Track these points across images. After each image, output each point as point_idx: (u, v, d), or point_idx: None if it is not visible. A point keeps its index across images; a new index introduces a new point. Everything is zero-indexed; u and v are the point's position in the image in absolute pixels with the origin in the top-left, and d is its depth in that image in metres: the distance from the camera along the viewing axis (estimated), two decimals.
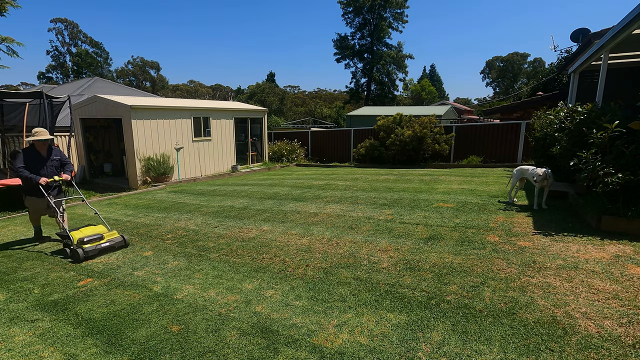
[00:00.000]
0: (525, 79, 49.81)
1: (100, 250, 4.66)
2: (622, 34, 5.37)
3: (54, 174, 5.14)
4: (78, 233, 4.72)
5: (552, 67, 19.80)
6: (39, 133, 5.05)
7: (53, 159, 5.19)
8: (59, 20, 52.73)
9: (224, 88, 68.85)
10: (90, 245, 4.59)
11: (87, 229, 4.87)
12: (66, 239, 4.77)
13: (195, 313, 3.08)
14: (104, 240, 4.74)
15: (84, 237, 4.60)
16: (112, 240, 4.80)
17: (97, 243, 4.65)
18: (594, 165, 4.44)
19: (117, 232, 4.98)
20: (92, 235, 4.70)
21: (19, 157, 4.94)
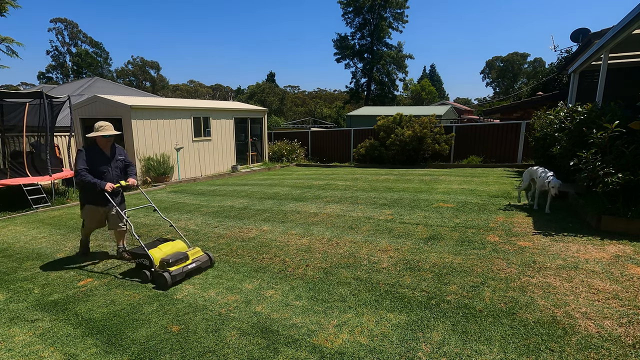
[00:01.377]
0: (525, 79, 49.82)
1: (187, 273, 3.79)
2: (622, 34, 5.38)
3: (119, 178, 4.36)
4: (157, 252, 3.87)
5: (552, 67, 19.80)
6: (104, 128, 4.15)
7: (117, 159, 4.37)
8: (59, 20, 52.75)
9: (224, 88, 68.86)
10: (176, 267, 3.69)
11: (166, 245, 4.01)
12: (143, 259, 3.88)
13: (195, 313, 3.08)
14: (189, 260, 3.85)
15: (168, 258, 3.70)
16: (199, 260, 3.91)
17: (183, 265, 3.74)
18: (594, 165, 4.44)
19: (200, 249, 4.09)
20: (176, 255, 3.79)
21: (80, 156, 4.09)
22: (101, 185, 4.05)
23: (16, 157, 8.93)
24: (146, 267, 3.87)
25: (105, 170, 4.22)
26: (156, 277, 3.69)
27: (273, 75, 59.67)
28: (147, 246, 3.94)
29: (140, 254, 3.91)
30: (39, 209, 8.18)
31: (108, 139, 4.24)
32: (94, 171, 4.11)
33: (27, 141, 9.12)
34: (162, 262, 3.71)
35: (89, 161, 4.12)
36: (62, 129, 11.72)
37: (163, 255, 3.81)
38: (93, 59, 53.84)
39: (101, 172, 4.18)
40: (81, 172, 4.03)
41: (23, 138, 8.89)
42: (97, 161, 4.18)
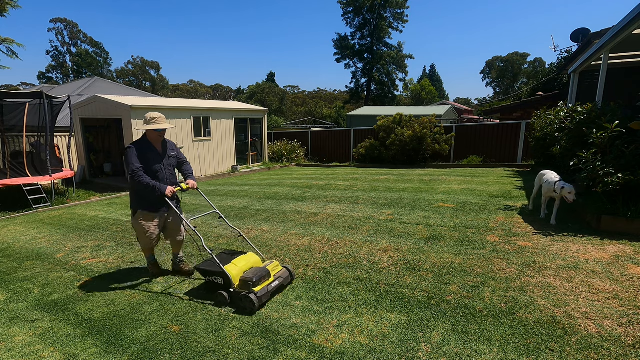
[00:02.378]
0: (525, 79, 49.80)
1: (272, 293, 3.25)
2: (622, 34, 5.38)
3: (172, 178, 3.76)
4: (233, 268, 3.27)
5: (552, 67, 19.80)
6: (157, 120, 3.57)
7: (170, 156, 3.75)
8: (59, 20, 52.73)
9: (224, 88, 68.86)
10: (261, 287, 3.11)
11: (240, 260, 3.39)
12: (215, 277, 3.29)
13: (195, 313, 3.08)
14: (271, 278, 3.28)
15: (251, 276, 3.10)
16: (280, 277, 3.35)
17: (267, 283, 3.18)
18: (594, 165, 4.44)
19: (278, 262, 3.50)
20: (257, 272, 3.19)
21: (131, 153, 3.44)
22: (161, 190, 3.41)
23: (16, 157, 8.94)
24: (221, 287, 3.26)
25: (159, 170, 3.60)
26: (239, 300, 3.07)
27: (273, 75, 59.66)
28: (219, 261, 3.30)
29: (212, 271, 3.28)
30: (39, 209, 8.18)
31: (161, 133, 3.63)
32: (146, 170, 3.50)
33: (27, 141, 9.13)
34: (244, 282, 3.10)
35: (142, 159, 3.47)
36: (62, 129, 11.72)
37: (240, 272, 3.24)
38: (93, 59, 53.83)
39: (154, 172, 3.55)
40: (138, 172, 3.37)
41: (23, 138, 8.90)
42: (149, 159, 3.53)
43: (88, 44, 54.79)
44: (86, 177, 12.47)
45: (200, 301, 3.30)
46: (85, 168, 12.54)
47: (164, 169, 3.66)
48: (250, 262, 3.42)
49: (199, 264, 3.45)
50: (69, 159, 9.81)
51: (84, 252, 4.93)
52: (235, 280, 3.19)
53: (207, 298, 3.35)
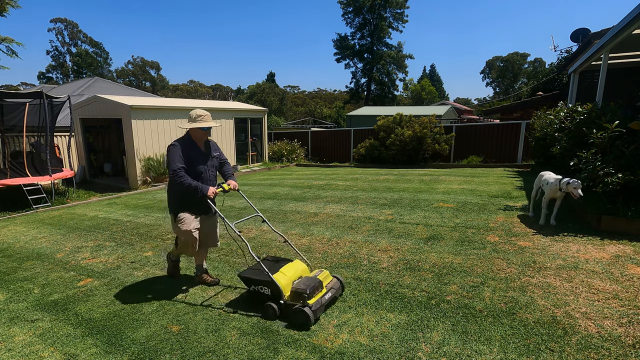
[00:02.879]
0: (525, 79, 49.79)
1: (325, 306, 2.95)
2: (622, 34, 5.38)
3: (215, 179, 3.58)
4: (282, 277, 2.97)
5: (552, 67, 19.80)
6: (203, 118, 3.36)
7: (213, 157, 3.57)
8: (59, 20, 52.74)
9: (224, 88, 68.86)
10: (315, 299, 2.83)
11: (288, 268, 3.11)
12: (261, 287, 3.00)
13: (195, 313, 3.08)
14: (324, 290, 2.99)
15: (303, 287, 2.82)
16: (333, 288, 3.07)
17: (320, 295, 2.90)
18: (594, 165, 4.44)
19: (327, 271, 3.20)
20: (309, 282, 2.91)
21: (175, 152, 3.24)
22: (203, 191, 3.19)
23: (16, 157, 8.94)
24: (268, 298, 2.97)
25: (203, 171, 3.39)
26: (292, 314, 2.76)
27: (273, 75, 59.66)
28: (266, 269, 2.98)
29: (258, 280, 2.99)
30: (39, 209, 8.18)
31: (206, 132, 3.43)
32: (190, 170, 3.29)
33: (27, 141, 9.13)
34: (297, 293, 2.82)
35: (185, 158, 3.27)
36: (62, 129, 11.73)
37: (289, 282, 2.96)
38: (93, 59, 53.83)
39: (198, 173, 3.34)
40: (179, 172, 3.17)
41: (23, 138, 8.90)
42: (192, 159, 3.33)
43: (88, 44, 54.80)
44: (86, 177, 12.47)
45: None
46: (85, 168, 12.54)
47: (207, 170, 3.44)
48: (298, 271, 3.11)
49: (243, 272, 3.17)
50: (69, 159, 9.81)
51: (84, 252, 4.93)
52: (285, 290, 2.90)
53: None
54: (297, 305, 2.76)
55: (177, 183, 3.20)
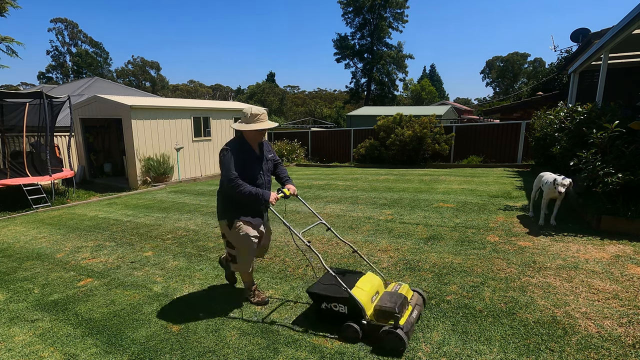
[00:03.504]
0: (525, 79, 49.78)
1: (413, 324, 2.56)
2: (622, 34, 5.38)
3: (270, 184, 3.20)
4: (360, 293, 2.60)
5: (552, 67, 19.79)
6: (260, 117, 2.99)
7: (268, 159, 3.19)
8: (59, 20, 52.73)
9: (224, 88, 68.86)
10: (404, 318, 2.49)
11: (364, 282, 2.72)
12: (336, 304, 2.65)
13: (195, 313, 3.08)
14: (410, 307, 2.64)
15: (390, 305, 2.45)
16: (417, 304, 2.73)
17: (408, 314, 2.55)
18: (594, 165, 4.44)
19: (407, 285, 2.81)
20: (396, 298, 2.53)
21: (228, 158, 2.88)
22: (265, 197, 2.86)
23: (16, 157, 8.94)
24: (345, 317, 2.61)
25: (258, 176, 3.05)
26: (381, 337, 2.39)
27: (273, 75, 59.67)
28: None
29: (333, 297, 2.64)
30: (39, 209, 8.18)
31: (262, 133, 3.07)
32: (244, 176, 2.91)
33: (27, 141, 9.13)
34: (384, 312, 2.45)
35: (239, 164, 2.92)
36: (62, 129, 11.73)
37: (368, 299, 2.59)
38: (93, 59, 53.82)
39: (253, 178, 3.00)
40: (236, 180, 2.82)
41: (23, 138, 8.90)
42: (247, 164, 2.97)
43: (88, 44, 54.79)
44: (86, 177, 12.47)
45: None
46: (85, 168, 12.54)
47: (263, 174, 3.09)
48: (375, 285, 2.74)
49: (311, 287, 2.84)
50: (69, 159, 9.81)
51: (84, 252, 4.93)
52: (368, 308, 2.55)
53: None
54: (385, 327, 2.37)
55: (235, 192, 2.83)
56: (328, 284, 2.77)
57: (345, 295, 2.58)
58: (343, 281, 2.64)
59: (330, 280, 2.74)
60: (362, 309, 2.51)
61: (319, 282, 2.89)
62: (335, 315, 2.67)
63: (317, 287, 2.80)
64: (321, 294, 2.71)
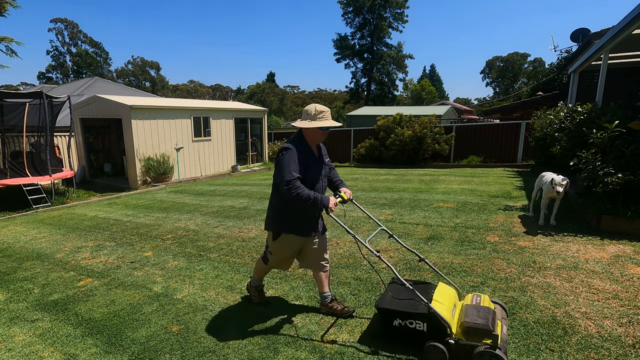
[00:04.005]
0: (525, 79, 49.77)
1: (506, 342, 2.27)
2: (622, 34, 5.37)
3: (325, 189, 2.92)
4: (439, 307, 2.31)
5: (552, 67, 19.78)
6: (324, 114, 2.73)
7: (325, 163, 2.90)
8: (59, 20, 52.71)
9: (224, 88, 68.86)
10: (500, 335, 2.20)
11: (441, 294, 2.47)
12: (415, 320, 2.35)
13: (195, 313, 3.08)
14: (498, 322, 2.31)
15: (486, 322, 2.15)
16: (503, 318, 2.44)
17: (499, 330, 2.25)
18: (594, 165, 4.44)
19: (486, 296, 2.50)
20: (481, 313, 2.23)
21: (291, 157, 2.59)
22: (324, 203, 2.59)
23: (16, 157, 8.94)
24: (425, 335, 2.32)
25: (317, 180, 2.76)
26: (478, 358, 2.10)
27: (273, 75, 59.65)
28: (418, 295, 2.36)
29: (408, 312, 2.37)
30: (39, 209, 8.18)
31: (325, 133, 2.78)
32: (304, 180, 2.62)
33: (27, 141, 9.14)
34: (475, 330, 2.16)
35: (300, 165, 2.60)
36: (62, 129, 11.73)
37: (449, 313, 2.31)
38: (93, 59, 53.80)
39: (313, 183, 2.71)
40: (295, 182, 2.51)
41: (23, 138, 8.91)
42: (308, 167, 2.67)
43: (88, 44, 54.77)
44: (86, 177, 12.47)
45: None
46: (85, 168, 12.54)
47: (322, 179, 2.81)
48: (452, 298, 2.48)
49: (380, 301, 2.55)
50: (69, 159, 9.81)
51: (84, 252, 4.93)
52: (454, 325, 2.27)
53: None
54: (480, 347, 2.10)
55: (292, 196, 2.50)
56: (402, 298, 2.46)
57: (424, 310, 2.29)
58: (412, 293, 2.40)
59: (400, 292, 2.50)
60: (448, 327, 2.21)
61: (388, 294, 2.57)
62: (411, 333, 2.36)
63: (387, 301, 2.49)
64: (394, 310, 2.39)
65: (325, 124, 2.69)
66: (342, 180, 3.05)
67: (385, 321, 2.49)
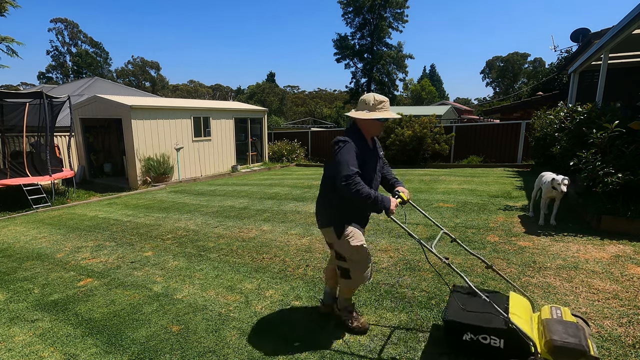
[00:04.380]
0: (525, 78, 49.76)
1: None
2: (622, 34, 5.38)
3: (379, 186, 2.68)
4: (518, 321, 2.07)
5: (552, 67, 19.78)
6: (384, 104, 2.47)
7: (380, 157, 2.67)
8: (59, 20, 52.71)
9: (224, 88, 68.86)
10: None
11: (517, 306, 2.26)
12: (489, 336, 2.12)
13: (195, 313, 3.08)
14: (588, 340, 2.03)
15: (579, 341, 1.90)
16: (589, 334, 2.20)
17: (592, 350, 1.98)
18: (594, 165, 4.44)
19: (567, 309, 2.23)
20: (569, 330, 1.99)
21: (348, 151, 2.34)
22: (384, 203, 2.32)
23: (16, 157, 8.95)
24: (501, 353, 2.09)
25: (373, 176, 2.54)
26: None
27: (273, 75, 59.64)
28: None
29: (482, 327, 2.14)
30: (39, 209, 8.18)
31: (382, 125, 2.59)
32: (361, 176, 2.35)
33: (27, 141, 9.14)
34: (568, 350, 1.89)
35: (358, 160, 2.37)
36: (62, 129, 11.74)
37: (528, 327, 2.08)
38: (93, 59, 53.80)
39: (370, 179, 2.49)
40: (355, 178, 2.26)
41: (23, 138, 8.91)
42: (365, 161, 2.44)
43: (88, 44, 54.76)
44: (86, 177, 12.47)
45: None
46: (85, 168, 12.54)
47: (377, 174, 2.60)
48: (527, 310, 2.26)
49: (447, 313, 2.33)
50: (69, 159, 9.81)
51: (84, 252, 4.93)
52: (538, 341, 2.02)
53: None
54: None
55: (352, 192, 2.25)
56: (472, 310, 2.22)
57: (500, 325, 2.06)
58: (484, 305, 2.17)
59: (469, 302, 2.27)
60: (533, 345, 1.94)
61: (455, 305, 2.32)
62: (485, 350, 2.13)
63: (456, 314, 2.25)
64: (465, 323, 2.17)
65: (384, 115, 2.45)
66: (397, 178, 2.76)
67: (453, 334, 2.25)
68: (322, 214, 2.62)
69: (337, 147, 2.37)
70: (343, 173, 2.26)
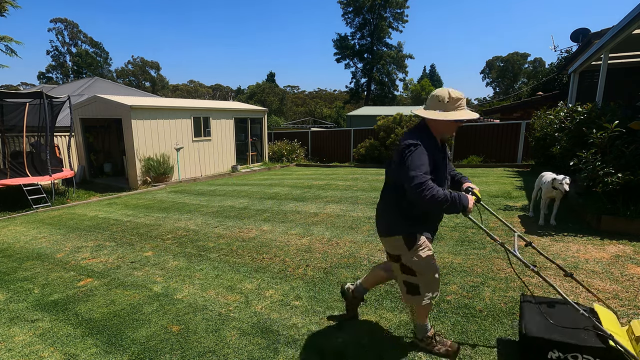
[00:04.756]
0: (525, 78, 49.76)
1: None
2: (622, 34, 5.38)
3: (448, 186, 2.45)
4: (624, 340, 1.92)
5: (552, 67, 19.77)
6: (461, 102, 2.18)
7: (448, 157, 2.41)
8: (59, 20, 52.73)
9: (224, 88, 68.87)
10: None
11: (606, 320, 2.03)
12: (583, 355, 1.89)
13: (195, 313, 3.08)
14: None
15: None
16: None
17: None
18: (594, 165, 4.44)
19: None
20: None
21: (420, 155, 2.09)
22: (463, 202, 2.10)
23: (16, 157, 8.95)
24: None
25: (444, 179, 2.32)
26: None
27: (273, 75, 59.65)
28: None
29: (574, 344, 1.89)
30: (39, 209, 8.18)
31: (457, 125, 2.30)
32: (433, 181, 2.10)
33: (27, 141, 9.14)
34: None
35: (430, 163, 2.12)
36: (62, 129, 11.73)
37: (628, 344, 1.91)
38: (93, 59, 53.81)
39: (442, 182, 2.27)
40: (428, 183, 2.02)
41: (23, 138, 8.91)
42: (437, 164, 2.20)
43: (88, 44, 54.78)
44: (86, 177, 12.47)
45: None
46: (85, 168, 12.54)
47: (447, 177, 2.38)
48: (617, 326, 2.06)
49: (527, 328, 2.04)
50: (69, 159, 9.82)
51: (84, 252, 4.93)
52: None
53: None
54: None
55: (426, 200, 2.00)
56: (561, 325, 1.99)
57: (597, 344, 1.83)
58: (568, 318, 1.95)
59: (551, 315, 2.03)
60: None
61: (536, 318, 2.06)
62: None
63: (540, 329, 1.98)
64: (553, 340, 1.90)
65: (463, 116, 2.14)
66: (463, 175, 2.61)
67: (534, 352, 1.96)
68: (386, 219, 2.35)
69: (408, 152, 2.11)
70: (415, 181, 2.02)
